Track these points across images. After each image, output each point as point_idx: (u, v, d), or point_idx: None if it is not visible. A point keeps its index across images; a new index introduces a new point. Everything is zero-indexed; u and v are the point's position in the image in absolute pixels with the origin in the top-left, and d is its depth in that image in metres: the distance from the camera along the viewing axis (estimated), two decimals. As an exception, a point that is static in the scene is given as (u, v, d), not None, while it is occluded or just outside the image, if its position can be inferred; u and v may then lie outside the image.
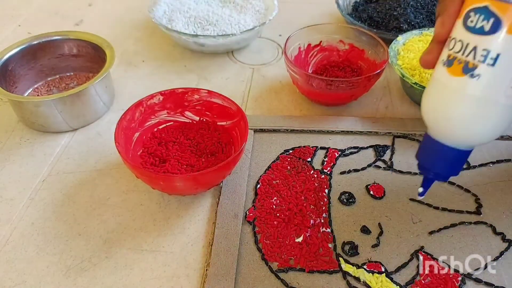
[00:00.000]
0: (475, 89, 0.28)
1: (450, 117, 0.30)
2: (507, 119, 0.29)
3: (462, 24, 0.29)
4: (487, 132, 0.30)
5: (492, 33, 0.27)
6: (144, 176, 0.40)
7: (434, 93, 0.31)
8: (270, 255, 0.38)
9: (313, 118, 0.52)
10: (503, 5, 0.26)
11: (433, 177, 0.34)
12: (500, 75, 0.27)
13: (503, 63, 0.27)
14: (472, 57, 0.28)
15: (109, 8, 0.76)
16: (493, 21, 0.27)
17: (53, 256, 0.39)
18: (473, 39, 0.28)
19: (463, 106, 0.29)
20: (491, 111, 0.28)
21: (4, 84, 0.51)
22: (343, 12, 0.65)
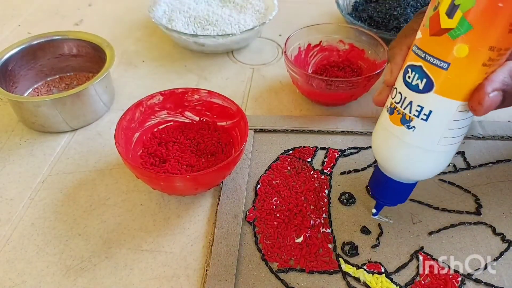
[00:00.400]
0: (412, 139, 0.31)
1: (391, 158, 0.33)
2: (443, 161, 0.32)
3: (402, 78, 0.31)
4: (425, 172, 0.33)
5: (425, 92, 0.29)
6: (144, 176, 0.40)
7: (379, 134, 0.34)
8: (270, 255, 0.38)
9: (313, 118, 0.52)
10: (434, 68, 0.28)
11: (382, 203, 0.39)
12: (433, 129, 0.30)
13: (435, 119, 0.29)
14: (409, 110, 0.30)
15: (109, 8, 0.76)
16: (425, 81, 0.29)
17: (53, 256, 0.39)
18: (410, 94, 0.30)
19: (402, 151, 0.32)
20: (426, 156, 0.31)
21: (4, 84, 0.51)
22: (343, 12, 0.65)
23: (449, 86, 0.28)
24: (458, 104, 0.28)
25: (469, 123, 0.30)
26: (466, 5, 0.25)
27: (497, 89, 0.27)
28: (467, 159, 0.47)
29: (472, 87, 0.28)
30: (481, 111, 0.27)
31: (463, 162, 0.47)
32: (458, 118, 0.29)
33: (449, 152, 0.31)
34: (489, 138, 0.50)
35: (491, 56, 0.26)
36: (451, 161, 0.46)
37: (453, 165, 0.47)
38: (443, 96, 0.28)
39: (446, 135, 0.30)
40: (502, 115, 0.53)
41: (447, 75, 0.28)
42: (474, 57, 0.26)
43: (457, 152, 0.48)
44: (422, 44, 0.29)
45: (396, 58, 0.33)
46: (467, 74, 0.27)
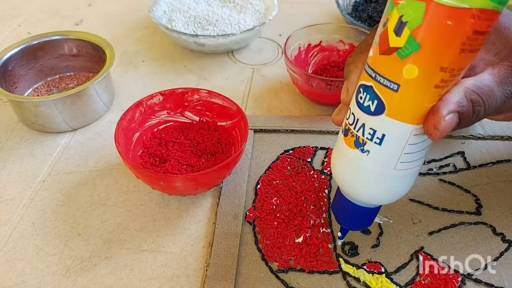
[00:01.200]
0: (366, 163, 0.29)
1: (348, 182, 0.31)
2: (403, 186, 0.30)
3: (355, 97, 0.29)
4: (385, 197, 0.31)
5: (377, 115, 0.27)
6: (144, 176, 0.40)
7: (336, 156, 0.32)
8: (270, 255, 0.38)
9: (313, 118, 0.52)
10: (385, 89, 0.26)
11: (347, 228, 0.36)
12: (387, 154, 0.28)
13: (389, 143, 0.27)
14: (361, 133, 0.28)
15: (109, 8, 0.76)
16: (377, 103, 0.26)
17: (53, 256, 0.39)
18: (362, 116, 0.28)
19: (357, 175, 0.30)
20: (384, 181, 0.29)
21: (4, 84, 0.51)
22: (343, 12, 0.65)
23: (401, 109, 0.26)
24: (412, 128, 0.26)
25: (427, 145, 0.28)
26: (414, 22, 0.23)
27: (452, 111, 0.25)
28: (467, 159, 0.47)
29: (425, 110, 0.26)
30: (437, 135, 0.25)
31: (463, 162, 0.47)
32: (414, 142, 0.27)
33: (408, 177, 0.29)
34: (489, 138, 0.50)
35: (444, 77, 0.24)
36: (451, 162, 0.47)
37: (453, 165, 0.47)
38: (396, 119, 0.26)
39: (402, 159, 0.28)
40: (502, 115, 0.53)
41: (398, 97, 0.25)
42: (425, 78, 0.24)
43: (457, 152, 0.48)
44: (372, 63, 0.27)
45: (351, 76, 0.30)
46: (419, 96, 0.25)
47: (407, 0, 0.23)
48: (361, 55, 0.30)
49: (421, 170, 0.45)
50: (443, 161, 0.47)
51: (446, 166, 0.47)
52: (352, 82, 0.30)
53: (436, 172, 0.46)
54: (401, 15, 0.24)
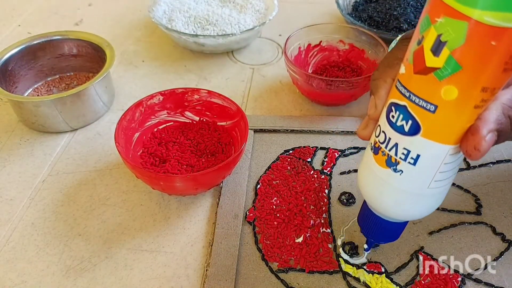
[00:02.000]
0: (399, 183, 0.28)
1: (378, 199, 0.30)
2: (435, 203, 0.29)
3: (386, 116, 0.28)
4: (415, 214, 0.30)
5: (412, 135, 0.26)
6: (144, 176, 0.40)
7: (365, 173, 0.31)
8: (270, 255, 0.38)
9: (313, 118, 0.52)
10: (420, 109, 0.25)
11: (374, 241, 0.36)
12: (422, 174, 0.27)
13: (424, 163, 0.26)
14: (394, 153, 0.27)
15: (109, 8, 0.76)
16: (411, 123, 0.26)
17: (53, 256, 0.39)
18: (394, 136, 0.27)
19: (389, 194, 0.29)
20: (416, 200, 0.29)
21: (4, 84, 0.51)
22: (343, 12, 0.65)
23: (438, 130, 0.25)
24: (449, 148, 0.25)
25: (460, 162, 0.28)
26: (454, 42, 0.22)
27: (492, 130, 0.25)
28: (467, 159, 0.47)
29: (463, 130, 0.25)
30: (478, 156, 0.25)
31: (463, 162, 0.47)
32: (450, 161, 0.26)
33: (441, 194, 0.29)
34: (489, 138, 0.50)
35: (484, 97, 0.23)
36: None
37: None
38: (432, 140, 0.25)
39: (437, 178, 0.27)
40: (502, 115, 0.53)
41: (435, 118, 0.24)
42: (464, 99, 0.23)
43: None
44: (406, 81, 0.25)
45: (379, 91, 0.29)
46: (458, 117, 0.24)
47: (446, 18, 0.22)
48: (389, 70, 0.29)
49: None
50: (443, 161, 0.47)
51: (446, 166, 0.46)
52: (380, 98, 0.29)
53: (436, 172, 0.46)
54: (439, 34, 0.22)
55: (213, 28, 0.62)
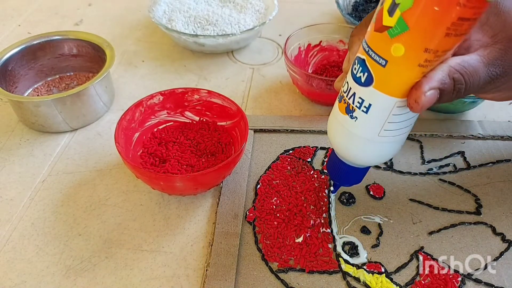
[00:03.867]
0: (354, 128, 0.31)
1: (339, 144, 0.34)
2: (387, 151, 0.33)
3: (351, 68, 0.31)
4: (370, 159, 0.33)
5: (366, 86, 0.29)
6: (144, 176, 0.40)
7: (331, 119, 0.34)
8: (270, 255, 0.38)
9: (313, 118, 0.52)
10: (374, 63, 0.28)
11: (339, 184, 0.40)
12: (372, 121, 0.30)
13: (375, 112, 0.29)
14: (352, 101, 0.30)
15: (109, 8, 0.76)
16: (367, 75, 0.29)
17: (53, 256, 0.39)
18: (354, 86, 0.30)
19: (345, 138, 0.33)
20: (369, 146, 0.32)
21: (4, 84, 0.51)
22: (343, 12, 0.65)
23: (386, 83, 0.28)
24: (396, 100, 0.28)
25: (410, 117, 0.30)
26: (404, 5, 0.25)
27: (434, 88, 0.27)
28: (467, 159, 0.47)
29: (409, 85, 0.28)
30: (417, 109, 0.27)
31: (463, 162, 0.47)
32: (397, 113, 0.29)
33: (392, 143, 0.32)
34: (489, 138, 0.50)
35: (427, 57, 0.26)
36: (452, 161, 0.47)
37: (453, 165, 0.47)
38: (381, 92, 0.28)
39: (386, 127, 0.30)
40: (502, 115, 0.53)
41: (385, 72, 0.28)
42: (410, 57, 0.26)
43: (457, 152, 0.48)
44: (368, 38, 0.29)
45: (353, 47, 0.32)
46: (404, 72, 0.27)
47: None
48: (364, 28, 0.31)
49: (421, 170, 0.46)
50: (443, 161, 0.47)
51: (446, 166, 0.47)
52: (353, 53, 0.32)
53: (436, 172, 0.46)
54: None
55: (213, 28, 0.62)
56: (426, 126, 0.50)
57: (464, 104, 0.50)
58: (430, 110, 0.53)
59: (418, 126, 0.50)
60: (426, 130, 0.50)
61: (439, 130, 0.50)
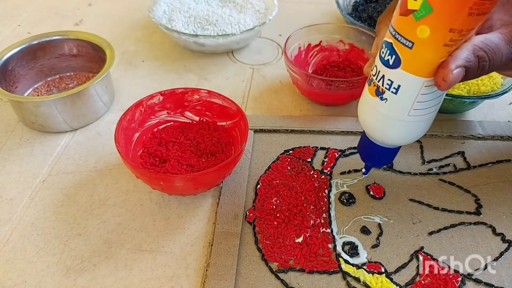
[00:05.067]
0: (384, 109, 0.33)
1: (370, 125, 0.35)
2: (416, 130, 0.34)
3: (379, 52, 0.32)
4: (401, 139, 0.35)
5: (394, 68, 0.30)
6: (144, 176, 0.40)
7: (361, 102, 0.36)
8: (270, 255, 0.38)
9: (313, 118, 0.52)
10: (401, 46, 0.29)
11: (371, 165, 0.41)
12: (402, 102, 0.31)
13: (404, 92, 0.31)
14: (381, 83, 0.32)
15: (109, 8, 0.76)
16: (394, 58, 0.30)
17: (53, 256, 0.39)
18: (382, 69, 0.32)
19: (377, 119, 0.34)
20: (398, 125, 0.33)
21: (4, 84, 0.51)
22: (343, 12, 0.65)
23: (414, 64, 0.29)
24: (424, 80, 0.30)
25: (438, 96, 0.32)
26: None
27: (460, 66, 0.28)
28: (467, 159, 0.47)
29: (436, 65, 0.29)
30: (445, 87, 0.29)
31: (463, 162, 0.47)
32: (425, 92, 0.31)
33: (420, 122, 0.33)
34: (489, 138, 0.50)
35: (452, 37, 0.27)
36: (452, 161, 0.47)
37: (453, 165, 0.47)
38: (409, 72, 0.30)
39: (415, 107, 0.31)
40: (502, 115, 0.53)
41: (412, 54, 0.29)
42: (435, 38, 0.28)
43: (457, 152, 0.48)
44: (394, 22, 0.30)
45: (381, 33, 0.34)
46: (430, 53, 0.28)
47: None
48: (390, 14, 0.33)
49: (421, 170, 0.46)
50: (443, 161, 0.47)
51: (446, 166, 0.47)
52: (380, 38, 0.33)
53: (436, 172, 0.46)
54: None
55: (213, 28, 0.62)
56: (426, 126, 0.50)
57: (464, 104, 0.50)
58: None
59: (418, 126, 0.50)
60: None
61: (439, 130, 0.50)
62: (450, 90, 0.49)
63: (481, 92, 0.49)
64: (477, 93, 0.49)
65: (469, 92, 0.50)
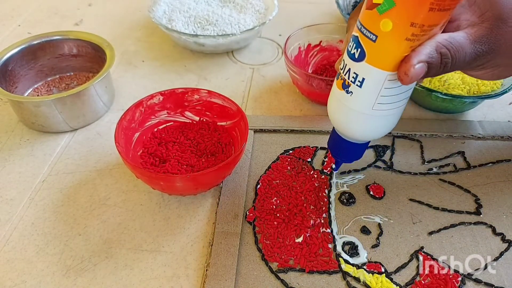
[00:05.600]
0: (349, 103, 0.33)
1: (337, 120, 0.36)
2: (381, 125, 0.34)
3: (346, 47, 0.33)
4: (366, 133, 0.35)
5: (359, 61, 0.31)
6: (144, 176, 0.40)
7: (330, 97, 0.36)
8: (270, 255, 0.38)
9: (313, 118, 0.52)
10: (366, 39, 0.30)
11: (340, 161, 0.41)
12: (366, 95, 0.32)
13: (368, 86, 0.31)
14: (347, 76, 0.32)
15: (109, 8, 0.76)
16: (360, 51, 0.31)
17: (53, 256, 0.39)
18: (349, 62, 0.32)
19: (343, 113, 0.34)
20: (363, 119, 0.33)
21: (4, 84, 0.51)
22: (343, 12, 0.65)
23: (377, 57, 0.30)
24: (387, 74, 0.30)
25: (403, 91, 0.32)
26: None
27: (422, 61, 0.29)
28: (467, 159, 0.47)
29: (399, 59, 0.29)
30: (407, 81, 0.29)
31: (463, 162, 0.47)
32: (389, 86, 0.31)
33: (386, 117, 0.33)
34: (489, 138, 0.50)
35: (414, 32, 0.28)
36: (451, 161, 0.47)
37: (453, 165, 0.47)
38: (373, 66, 0.30)
39: (379, 101, 0.32)
40: (502, 115, 0.53)
41: (376, 47, 0.29)
42: (397, 32, 0.28)
43: (457, 152, 0.48)
44: (360, 16, 0.31)
45: (350, 29, 0.35)
46: (393, 46, 0.29)
47: None
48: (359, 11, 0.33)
49: (421, 170, 0.46)
50: (443, 161, 0.47)
51: (446, 166, 0.47)
52: (350, 34, 0.33)
53: (436, 172, 0.46)
54: None
55: (213, 28, 0.62)
56: (426, 126, 0.50)
57: (464, 104, 0.50)
58: (430, 110, 0.53)
59: (418, 126, 0.50)
60: (426, 130, 0.50)
61: (439, 130, 0.50)
62: (450, 90, 0.49)
63: (481, 92, 0.49)
64: (477, 93, 0.49)
65: (469, 92, 0.50)
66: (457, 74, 0.51)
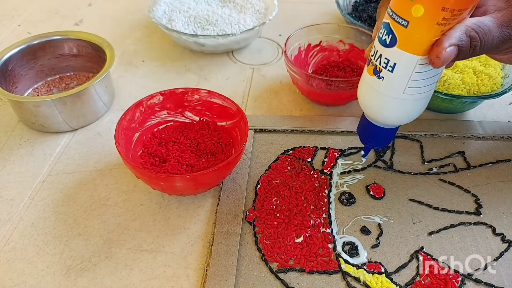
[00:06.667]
0: (381, 88, 0.34)
1: (368, 105, 0.37)
2: (412, 109, 0.35)
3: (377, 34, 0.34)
4: (397, 118, 0.36)
5: (391, 47, 0.32)
6: (144, 176, 0.40)
7: (361, 84, 0.37)
8: (270, 255, 0.38)
9: (313, 118, 0.52)
10: (397, 25, 0.31)
11: (370, 146, 0.42)
12: (397, 80, 0.33)
13: (399, 70, 0.32)
14: (379, 62, 0.33)
15: (109, 8, 0.76)
16: (391, 37, 0.32)
17: (53, 256, 0.39)
18: (380, 48, 0.33)
19: (374, 98, 0.35)
20: (394, 103, 0.34)
21: (4, 84, 0.51)
22: (343, 12, 0.65)
23: (409, 42, 0.31)
24: (418, 58, 0.31)
25: (433, 75, 0.33)
26: None
27: (453, 44, 0.30)
28: (467, 159, 0.47)
29: (429, 43, 0.30)
30: (438, 64, 0.30)
31: (463, 162, 0.47)
32: (420, 70, 0.32)
33: (416, 101, 0.34)
34: (489, 138, 0.50)
35: (445, 16, 0.29)
36: (452, 161, 0.47)
37: (453, 165, 0.47)
38: (405, 51, 0.31)
39: (410, 85, 0.33)
40: (502, 115, 0.53)
41: (407, 32, 0.30)
42: (428, 16, 0.29)
43: (457, 152, 0.48)
44: (391, 3, 0.32)
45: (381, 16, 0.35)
46: (424, 31, 0.30)
47: None
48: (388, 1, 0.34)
49: (421, 170, 0.46)
50: (443, 161, 0.47)
51: (446, 166, 0.47)
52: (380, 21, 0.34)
53: (436, 172, 0.46)
54: None
55: (213, 28, 0.62)
56: (426, 126, 0.50)
57: (464, 104, 0.50)
58: (430, 110, 0.53)
59: (418, 126, 0.50)
60: (426, 130, 0.50)
61: (439, 130, 0.50)
62: (450, 90, 0.49)
63: (481, 92, 0.49)
64: (477, 93, 0.49)
65: (469, 92, 0.50)
66: (457, 74, 0.51)
